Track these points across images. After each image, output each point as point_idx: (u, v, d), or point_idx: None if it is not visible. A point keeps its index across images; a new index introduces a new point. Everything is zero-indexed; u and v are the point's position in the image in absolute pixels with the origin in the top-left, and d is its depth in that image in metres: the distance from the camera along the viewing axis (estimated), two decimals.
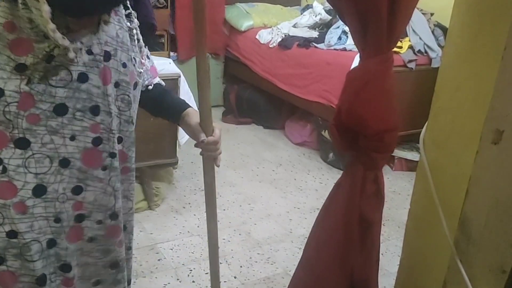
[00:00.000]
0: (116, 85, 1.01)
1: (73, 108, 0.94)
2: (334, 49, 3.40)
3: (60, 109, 0.92)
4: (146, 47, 1.15)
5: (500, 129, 1.12)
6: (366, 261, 1.48)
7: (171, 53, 3.94)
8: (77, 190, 1.01)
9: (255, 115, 4.12)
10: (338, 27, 3.54)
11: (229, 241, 2.41)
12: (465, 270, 1.20)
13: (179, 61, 3.93)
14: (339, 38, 3.47)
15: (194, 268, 2.16)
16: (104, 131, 1.00)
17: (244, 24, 4.18)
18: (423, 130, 1.37)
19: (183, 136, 2.70)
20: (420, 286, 1.42)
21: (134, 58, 1.06)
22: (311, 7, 4.06)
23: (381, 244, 1.56)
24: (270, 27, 4.07)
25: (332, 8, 3.66)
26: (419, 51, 3.24)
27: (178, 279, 2.11)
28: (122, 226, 1.14)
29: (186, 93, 2.67)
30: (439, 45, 3.31)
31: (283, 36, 3.81)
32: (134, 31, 1.06)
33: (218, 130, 1.15)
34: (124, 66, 1.02)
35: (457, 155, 1.24)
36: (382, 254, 1.94)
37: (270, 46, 3.84)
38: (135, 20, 1.07)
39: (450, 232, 1.24)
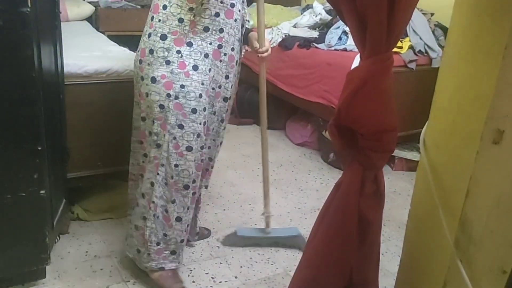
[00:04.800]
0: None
1: (212, 29, 1.81)
2: (335, 50, 3.40)
3: (205, 29, 1.79)
4: None
5: (501, 129, 1.12)
6: (365, 261, 1.48)
7: None
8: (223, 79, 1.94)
9: (256, 115, 4.12)
10: (338, 27, 3.54)
11: None
12: (465, 270, 1.20)
13: None
14: (340, 38, 3.46)
15: (194, 268, 2.16)
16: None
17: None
18: (423, 130, 1.37)
19: None
20: (420, 286, 1.42)
21: None
22: (311, 7, 4.05)
23: (381, 244, 1.56)
24: (270, 27, 4.06)
25: (332, 8, 3.68)
26: (420, 51, 3.24)
27: None
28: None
29: None
30: (439, 45, 3.31)
31: (283, 36, 3.80)
32: None
33: (268, 43, 2.27)
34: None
35: (457, 155, 1.24)
36: (382, 254, 1.94)
37: (270, 46, 3.83)
38: None
39: (450, 232, 1.24)
